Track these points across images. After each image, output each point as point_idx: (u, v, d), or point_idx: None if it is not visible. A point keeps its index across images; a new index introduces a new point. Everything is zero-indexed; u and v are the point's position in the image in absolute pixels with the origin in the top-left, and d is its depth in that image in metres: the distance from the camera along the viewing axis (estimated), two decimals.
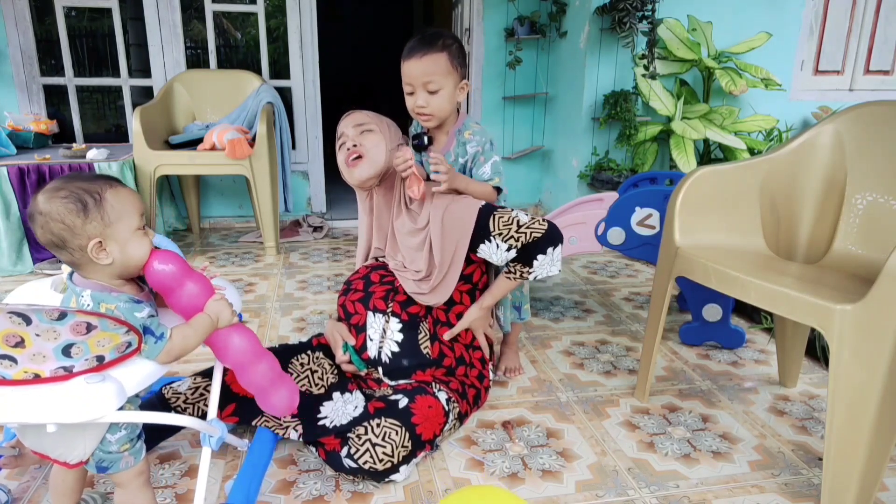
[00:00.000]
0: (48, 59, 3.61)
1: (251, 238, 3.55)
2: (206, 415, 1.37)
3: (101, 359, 0.93)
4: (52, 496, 1.19)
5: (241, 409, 1.53)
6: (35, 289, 1.25)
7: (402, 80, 1.65)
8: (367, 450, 1.37)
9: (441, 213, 1.62)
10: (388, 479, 1.41)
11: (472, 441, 1.62)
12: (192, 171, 3.14)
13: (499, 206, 1.64)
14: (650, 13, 3.12)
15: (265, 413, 1.52)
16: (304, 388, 1.61)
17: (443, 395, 1.57)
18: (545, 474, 1.49)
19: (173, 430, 1.56)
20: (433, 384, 1.62)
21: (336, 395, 1.60)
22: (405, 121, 1.80)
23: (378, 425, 1.41)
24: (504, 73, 3.93)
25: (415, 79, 1.62)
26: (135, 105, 3.44)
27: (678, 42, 3.33)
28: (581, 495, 1.41)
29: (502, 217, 1.59)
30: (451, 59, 1.62)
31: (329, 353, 1.73)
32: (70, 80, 3.55)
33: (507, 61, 3.83)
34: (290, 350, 1.70)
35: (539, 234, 1.58)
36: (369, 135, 1.69)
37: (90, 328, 0.90)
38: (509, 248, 1.59)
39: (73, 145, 3.00)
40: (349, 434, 1.43)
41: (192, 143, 3.17)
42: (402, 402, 1.50)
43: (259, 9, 3.64)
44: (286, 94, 3.74)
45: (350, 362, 1.67)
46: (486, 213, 1.61)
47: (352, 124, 1.70)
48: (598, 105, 3.48)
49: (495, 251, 1.61)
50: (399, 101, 1.76)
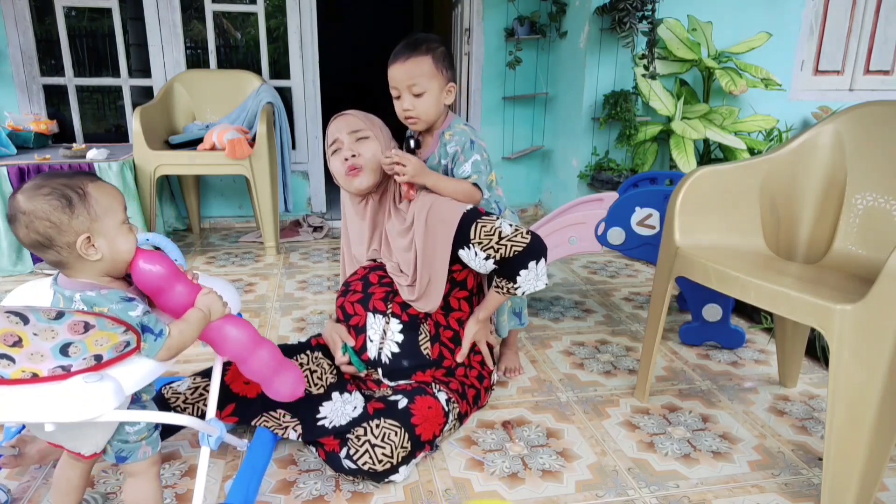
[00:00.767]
0: (48, 59, 3.61)
1: (251, 238, 3.55)
2: (206, 415, 1.37)
3: (99, 358, 0.93)
4: (54, 495, 1.18)
5: (241, 408, 1.52)
6: (35, 288, 1.25)
7: (389, 85, 1.66)
8: (367, 450, 1.37)
9: (425, 214, 1.60)
10: (387, 480, 1.41)
11: (473, 441, 1.61)
12: (192, 171, 3.14)
13: (485, 214, 1.61)
14: (650, 13, 3.12)
15: (265, 413, 1.52)
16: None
17: (442, 396, 1.57)
18: (545, 474, 1.48)
19: (173, 429, 1.56)
20: (433, 385, 1.62)
21: (335, 396, 1.60)
22: (399, 122, 1.80)
23: (377, 426, 1.41)
24: (504, 73, 3.93)
25: (399, 82, 1.63)
26: (135, 105, 3.45)
27: (678, 42, 3.33)
28: (581, 495, 1.41)
29: (485, 226, 1.56)
30: (435, 62, 1.62)
31: (328, 353, 1.73)
32: (70, 80, 3.55)
33: (507, 61, 3.83)
34: (290, 350, 1.69)
35: (520, 248, 1.54)
36: (366, 143, 1.67)
37: (88, 327, 0.90)
38: (487, 257, 1.56)
39: (73, 145, 3.00)
40: (348, 435, 1.43)
41: (192, 143, 3.17)
42: (402, 402, 1.49)
43: (259, 9, 3.64)
44: (286, 94, 3.74)
45: (349, 363, 1.67)
46: (469, 218, 1.58)
47: (346, 130, 1.67)
48: (598, 105, 3.48)
49: (473, 258, 1.59)
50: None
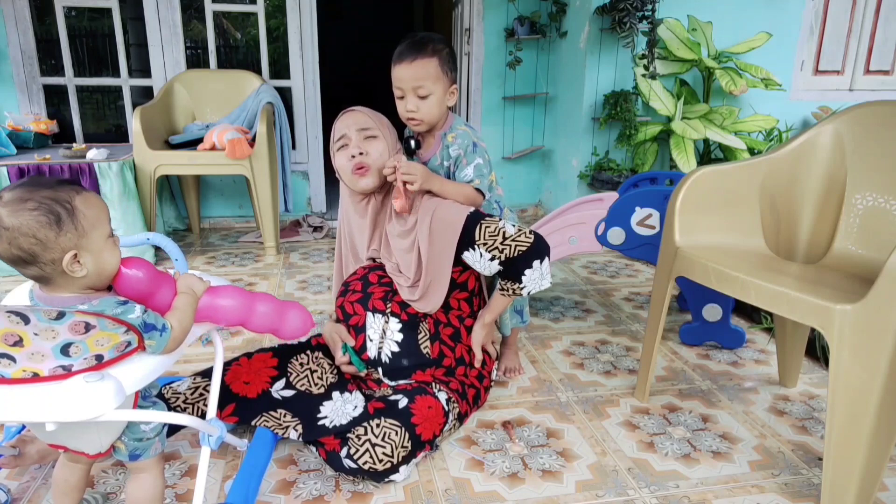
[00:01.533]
0: (48, 59, 3.61)
1: (251, 238, 3.55)
2: (206, 415, 1.37)
3: (100, 358, 0.93)
4: (54, 495, 1.18)
5: (241, 408, 1.53)
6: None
7: (393, 84, 1.65)
8: (367, 450, 1.37)
9: (429, 218, 1.60)
10: (387, 480, 1.41)
11: (473, 441, 1.61)
12: (192, 171, 3.14)
13: (487, 215, 1.61)
14: (650, 13, 3.12)
15: (265, 413, 1.52)
16: (303, 388, 1.61)
17: (443, 396, 1.57)
18: (545, 474, 1.49)
19: (173, 429, 1.56)
20: (433, 384, 1.62)
21: (336, 395, 1.60)
22: (401, 122, 1.80)
23: (378, 425, 1.41)
24: (504, 73, 3.93)
25: (405, 83, 1.62)
26: (135, 105, 3.45)
27: (678, 42, 3.33)
28: (581, 495, 1.41)
29: (489, 227, 1.57)
30: (441, 64, 1.62)
31: (328, 352, 1.73)
32: (70, 80, 3.55)
33: (507, 61, 3.83)
34: (290, 350, 1.70)
35: (524, 248, 1.55)
36: (374, 142, 1.65)
37: (89, 328, 0.90)
38: (493, 258, 1.56)
39: (74, 145, 3.00)
40: (349, 434, 1.43)
41: (192, 143, 3.17)
42: (402, 402, 1.50)
43: (259, 9, 3.64)
44: (286, 94, 3.74)
45: (350, 363, 1.67)
46: (473, 220, 1.58)
47: (355, 127, 1.66)
48: (598, 105, 3.48)
49: (478, 260, 1.59)
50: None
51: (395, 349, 1.64)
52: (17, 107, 3.47)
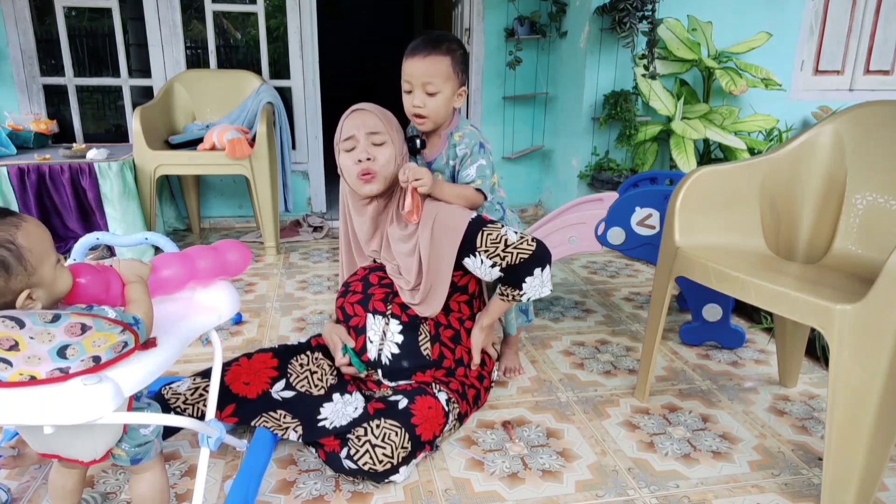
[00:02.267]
0: (48, 59, 3.61)
1: (251, 238, 3.55)
2: (206, 415, 1.37)
3: (97, 359, 0.92)
4: (52, 499, 1.18)
5: (241, 409, 1.52)
6: None
7: (402, 78, 1.64)
8: (367, 451, 1.37)
9: (431, 223, 1.60)
10: (387, 480, 1.41)
11: (473, 441, 1.61)
12: (192, 171, 3.14)
13: (490, 222, 1.60)
14: (650, 13, 3.12)
15: (265, 413, 1.52)
16: (303, 389, 1.61)
17: (443, 396, 1.57)
18: (545, 474, 1.48)
19: (173, 430, 1.56)
20: (433, 385, 1.62)
21: (336, 397, 1.60)
22: (403, 121, 1.80)
23: (378, 426, 1.41)
24: (504, 73, 3.93)
25: (415, 78, 1.61)
26: (135, 105, 3.45)
27: (678, 42, 3.33)
28: (581, 495, 1.41)
29: (490, 234, 1.55)
30: (453, 63, 1.62)
31: (328, 353, 1.73)
32: (70, 80, 3.55)
33: (507, 61, 3.83)
34: (290, 351, 1.70)
35: (526, 255, 1.54)
36: (382, 149, 1.62)
37: (85, 329, 0.90)
38: (494, 265, 1.56)
39: (74, 145, 2.99)
40: (349, 435, 1.43)
41: (192, 143, 3.17)
42: (402, 403, 1.49)
43: (259, 9, 3.64)
44: (286, 94, 3.74)
45: (350, 364, 1.67)
46: (475, 227, 1.57)
47: (364, 130, 1.61)
48: (598, 105, 3.47)
49: (479, 266, 1.58)
50: (399, 102, 1.75)
51: (396, 351, 1.64)
52: (17, 107, 3.47)
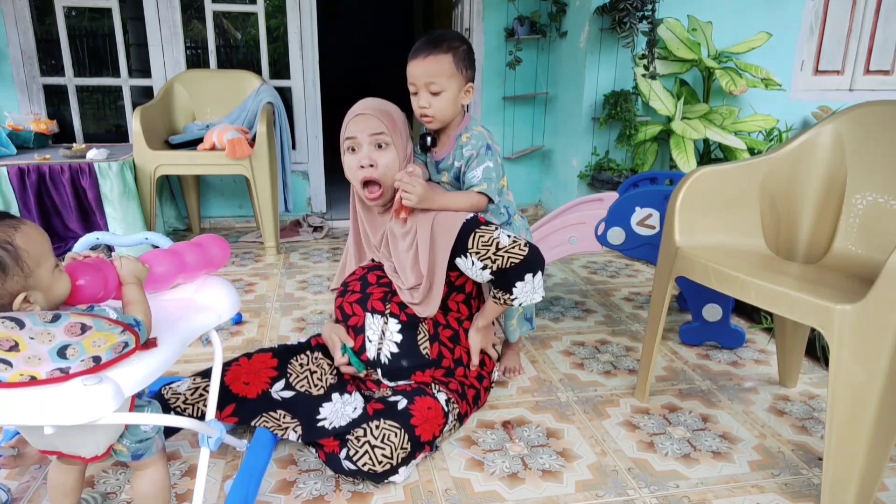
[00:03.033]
0: (48, 59, 3.61)
1: (251, 238, 3.55)
2: (206, 415, 1.37)
3: (97, 359, 0.92)
4: (51, 497, 1.18)
5: (241, 409, 1.52)
6: None
7: (407, 80, 1.65)
8: (367, 451, 1.37)
9: (430, 222, 1.60)
10: (387, 481, 1.41)
11: (473, 441, 1.61)
12: (193, 171, 3.14)
13: (485, 223, 1.59)
14: (650, 13, 3.12)
15: (265, 413, 1.52)
16: (303, 389, 1.61)
17: (442, 396, 1.57)
18: (545, 474, 1.48)
19: (173, 429, 1.56)
20: (432, 385, 1.62)
21: (335, 397, 1.60)
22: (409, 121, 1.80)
23: (377, 427, 1.41)
24: (504, 73, 3.93)
25: (418, 79, 1.61)
26: (135, 105, 3.45)
27: (678, 42, 3.33)
28: (581, 495, 1.41)
29: (483, 236, 1.55)
30: (455, 61, 1.61)
31: (328, 353, 1.73)
32: (70, 80, 3.55)
33: (507, 61, 3.83)
34: (289, 351, 1.70)
35: (517, 261, 1.54)
36: (384, 152, 1.62)
37: (85, 329, 0.90)
38: (484, 267, 1.56)
39: (74, 145, 3.00)
40: (348, 436, 1.43)
41: (192, 143, 3.17)
42: (401, 403, 1.49)
43: (259, 9, 3.64)
44: (286, 94, 3.74)
45: (349, 364, 1.67)
46: (468, 227, 1.57)
47: (367, 132, 1.61)
48: (598, 105, 3.47)
49: (470, 268, 1.58)
50: (400, 102, 1.75)
51: (395, 350, 1.64)
52: (17, 107, 3.47)
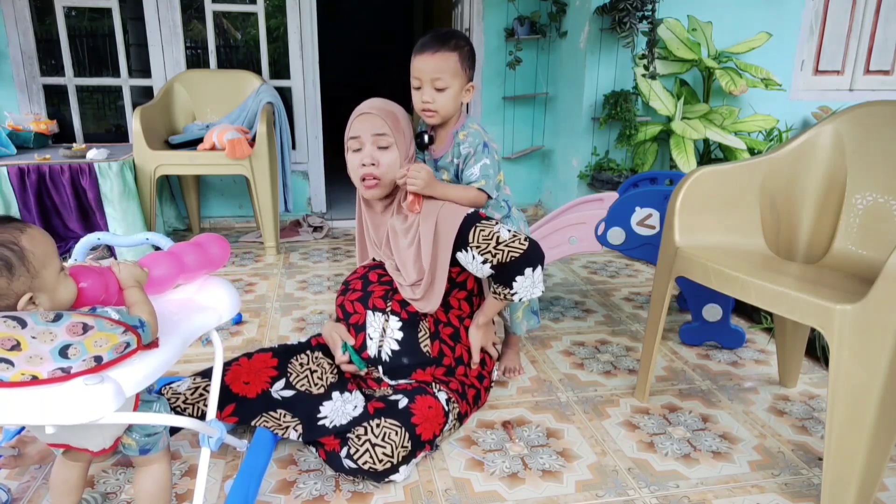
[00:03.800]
0: (48, 59, 3.61)
1: (251, 238, 3.55)
2: (206, 415, 1.37)
3: (99, 359, 0.92)
4: (52, 495, 1.18)
5: (241, 409, 1.53)
6: None
7: (411, 75, 1.66)
8: (367, 450, 1.37)
9: (435, 216, 1.61)
10: (387, 480, 1.41)
11: (473, 441, 1.61)
12: (192, 171, 3.14)
13: (485, 218, 1.60)
14: (650, 13, 3.12)
15: (265, 413, 1.52)
16: (303, 388, 1.61)
17: (443, 396, 1.57)
18: (545, 474, 1.48)
19: (174, 430, 1.56)
20: (433, 384, 1.62)
21: (336, 395, 1.60)
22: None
23: (378, 425, 1.41)
24: (504, 73, 3.93)
25: (424, 74, 1.63)
26: (135, 105, 3.45)
27: (678, 42, 3.33)
28: (581, 495, 1.41)
29: (483, 230, 1.56)
30: (461, 60, 1.64)
31: (328, 352, 1.73)
32: (70, 80, 3.55)
33: (507, 61, 3.83)
34: (289, 350, 1.70)
35: (517, 255, 1.54)
36: (387, 152, 1.64)
37: (87, 328, 0.90)
38: (485, 261, 1.56)
39: (74, 145, 2.99)
40: (349, 434, 1.43)
41: (192, 143, 3.17)
42: (402, 402, 1.50)
43: (259, 9, 3.64)
44: (286, 94, 3.74)
45: (350, 362, 1.67)
46: (469, 222, 1.58)
47: (370, 131, 1.63)
48: (598, 105, 3.47)
49: (471, 262, 1.59)
50: (399, 101, 1.76)
51: (396, 347, 1.64)
52: (17, 107, 3.47)
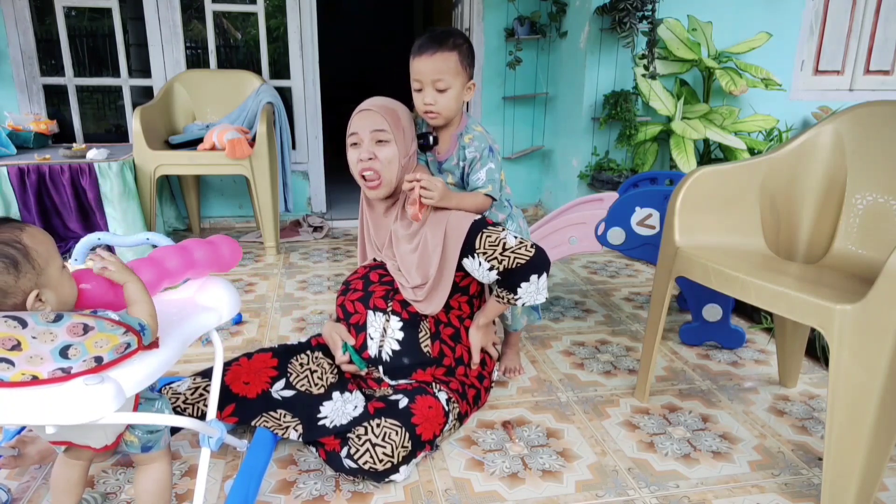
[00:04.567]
0: (48, 59, 3.61)
1: (251, 238, 3.55)
2: (206, 415, 1.37)
3: (99, 360, 0.93)
4: (53, 495, 1.18)
5: (241, 409, 1.53)
6: None
7: (411, 77, 1.65)
8: (367, 450, 1.37)
9: (444, 225, 1.61)
10: (387, 480, 1.41)
11: (473, 441, 1.61)
12: (192, 171, 3.14)
13: (492, 224, 1.60)
14: (650, 13, 3.12)
15: (265, 413, 1.52)
16: (303, 388, 1.61)
17: (443, 396, 1.57)
18: (545, 474, 1.49)
19: (174, 430, 1.56)
20: (433, 384, 1.62)
21: (336, 395, 1.60)
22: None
23: (378, 425, 1.41)
24: (504, 73, 3.93)
25: (424, 76, 1.62)
26: (135, 105, 3.45)
27: (678, 42, 3.33)
28: (581, 495, 1.41)
29: (490, 237, 1.56)
30: (461, 58, 1.63)
31: (328, 352, 1.73)
32: (70, 80, 3.55)
33: (507, 61, 3.83)
34: (290, 350, 1.70)
35: (523, 261, 1.54)
36: (384, 147, 1.63)
37: (87, 329, 0.90)
38: (491, 268, 1.56)
39: (74, 145, 3.00)
40: (349, 434, 1.43)
41: (192, 143, 3.17)
42: (402, 402, 1.50)
43: (259, 9, 3.64)
44: (286, 94, 3.74)
45: (350, 362, 1.67)
46: (476, 228, 1.58)
47: (369, 128, 1.62)
48: (598, 105, 3.48)
49: (477, 268, 1.59)
50: (400, 101, 1.75)
51: (396, 347, 1.64)
52: (17, 107, 3.47)
